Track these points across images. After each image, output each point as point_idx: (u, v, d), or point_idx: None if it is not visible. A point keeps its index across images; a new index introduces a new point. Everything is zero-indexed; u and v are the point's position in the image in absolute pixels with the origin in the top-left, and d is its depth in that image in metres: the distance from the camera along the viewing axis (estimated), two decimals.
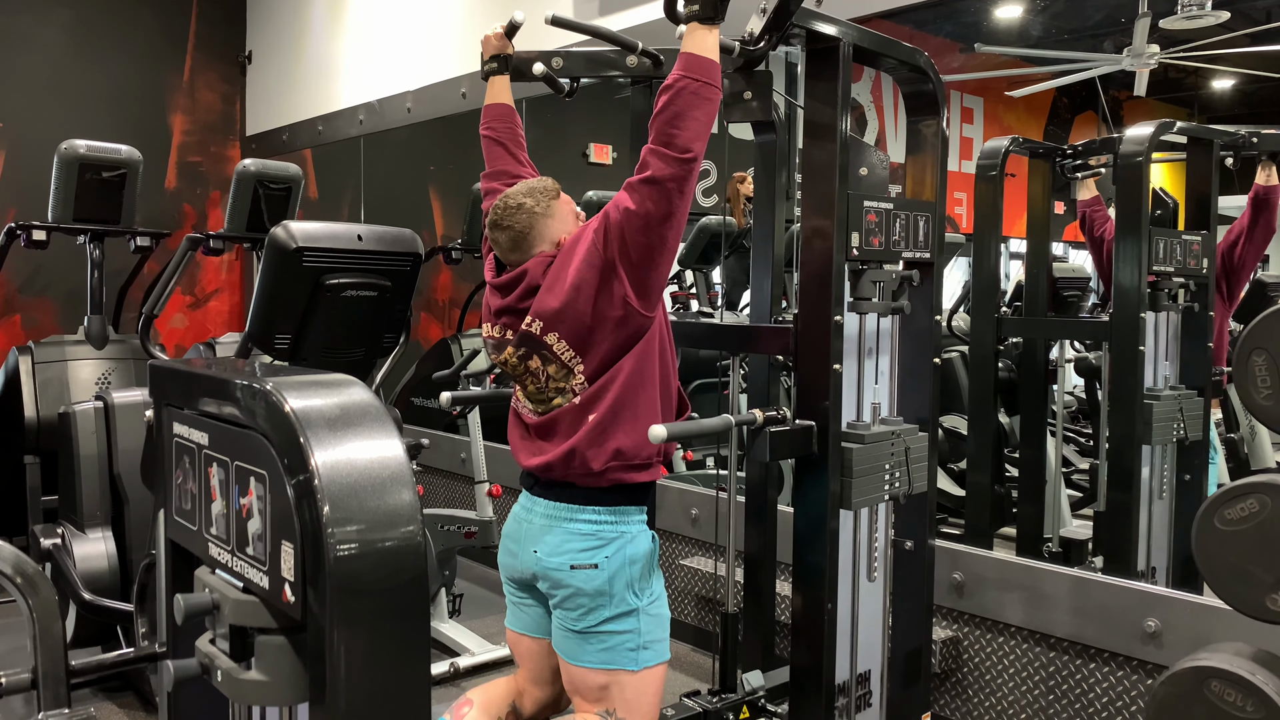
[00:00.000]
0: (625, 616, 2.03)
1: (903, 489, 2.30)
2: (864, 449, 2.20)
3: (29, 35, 5.61)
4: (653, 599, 2.08)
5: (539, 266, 2.04)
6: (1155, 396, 3.22)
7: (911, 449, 2.31)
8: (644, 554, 2.07)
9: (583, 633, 2.03)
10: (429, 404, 5.11)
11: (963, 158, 7.13)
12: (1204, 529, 1.67)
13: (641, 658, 2.05)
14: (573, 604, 2.03)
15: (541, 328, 2.01)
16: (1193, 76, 6.51)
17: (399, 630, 1.25)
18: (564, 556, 2.03)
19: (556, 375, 2.04)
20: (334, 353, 2.90)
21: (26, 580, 2.02)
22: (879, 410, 2.33)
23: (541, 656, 2.20)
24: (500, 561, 2.20)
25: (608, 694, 2.05)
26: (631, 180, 1.96)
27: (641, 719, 2.07)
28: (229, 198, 4.25)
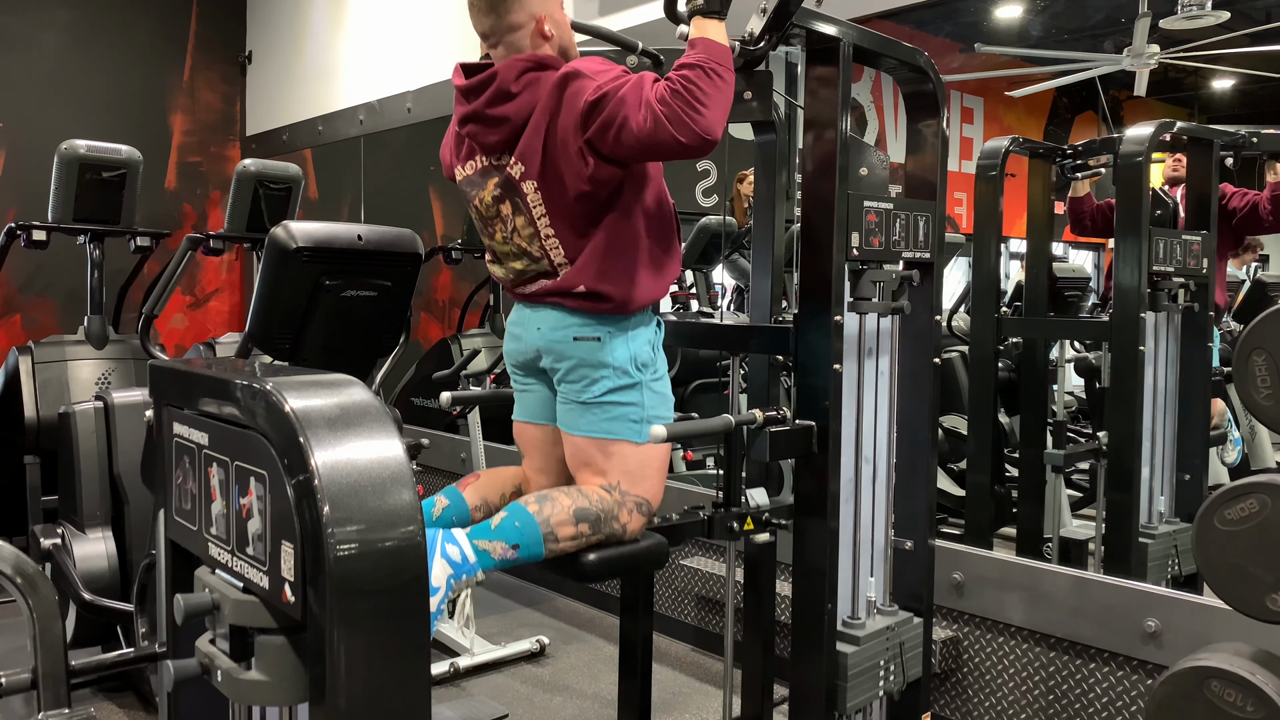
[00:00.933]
0: (629, 389, 2.04)
1: (897, 685, 2.31)
2: (859, 651, 2.21)
3: (29, 35, 5.61)
4: (656, 376, 2.09)
5: (510, 70, 1.98)
6: (1150, 535, 3.19)
7: (906, 642, 2.33)
8: (648, 333, 2.08)
9: (586, 404, 2.03)
10: (429, 404, 5.11)
11: (963, 158, 7.13)
12: (1204, 529, 1.67)
13: (645, 431, 2.04)
14: (576, 375, 2.03)
15: (522, 173, 1.98)
16: (1193, 76, 6.51)
17: (399, 630, 1.25)
18: (567, 329, 2.03)
19: (522, 230, 2.02)
20: (334, 353, 2.89)
21: (26, 580, 2.02)
22: (875, 604, 2.34)
23: (546, 444, 2.20)
24: (505, 350, 2.20)
25: (610, 464, 2.05)
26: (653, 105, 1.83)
27: (644, 492, 2.07)
28: (229, 198, 4.25)
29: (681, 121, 1.82)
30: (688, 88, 1.84)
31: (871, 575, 2.36)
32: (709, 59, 1.88)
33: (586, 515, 1.98)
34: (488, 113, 2.00)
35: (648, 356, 2.08)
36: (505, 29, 2.02)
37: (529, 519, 1.94)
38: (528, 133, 1.97)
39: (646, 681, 2.55)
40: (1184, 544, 3.25)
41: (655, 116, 1.83)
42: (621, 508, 2.03)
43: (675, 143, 1.84)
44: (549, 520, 1.94)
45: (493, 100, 1.99)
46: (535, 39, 2.04)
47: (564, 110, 1.94)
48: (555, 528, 1.94)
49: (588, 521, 1.98)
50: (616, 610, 2.73)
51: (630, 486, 2.05)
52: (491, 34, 2.04)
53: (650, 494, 2.08)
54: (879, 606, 2.35)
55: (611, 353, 2.02)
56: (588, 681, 3.36)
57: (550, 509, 1.96)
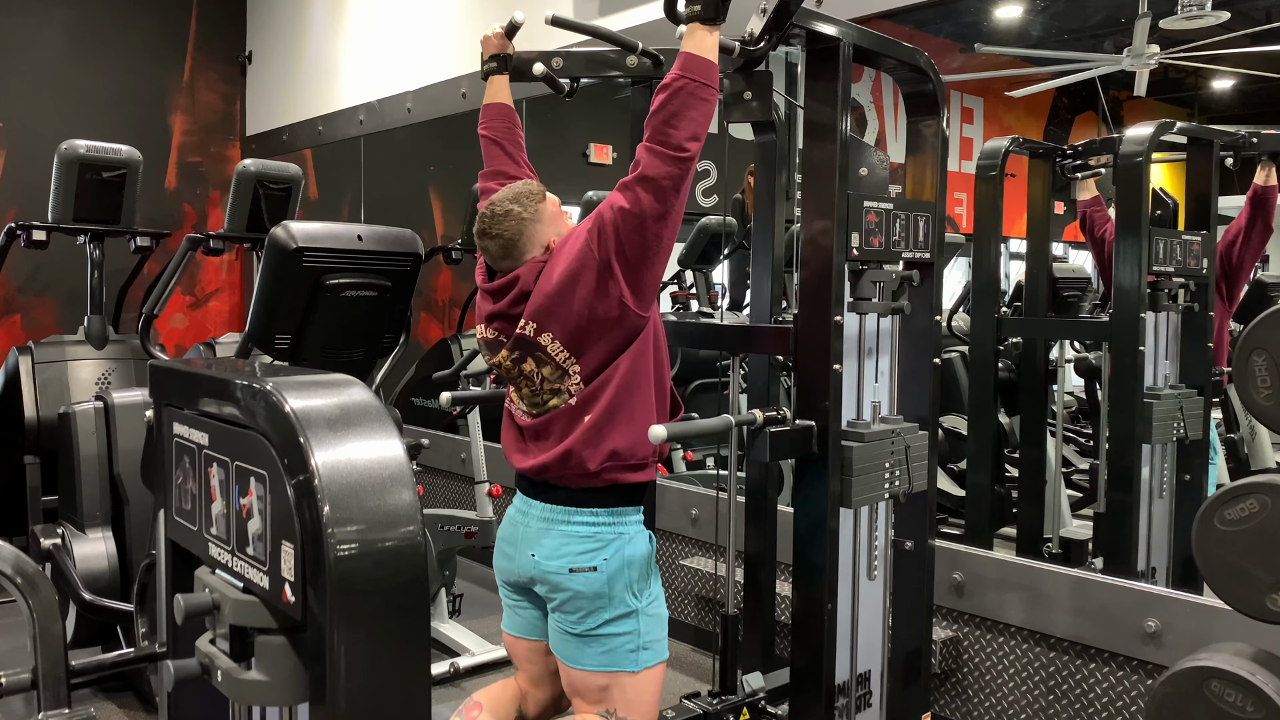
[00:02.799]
0: (624, 618, 2.03)
1: (903, 487, 2.30)
2: (864, 447, 2.20)
3: (29, 35, 5.62)
4: (651, 599, 2.08)
5: (530, 273, 2.04)
6: (1155, 395, 3.22)
7: (912, 447, 2.31)
8: (642, 555, 2.07)
9: (582, 635, 2.03)
10: (429, 404, 5.11)
11: (963, 158, 7.13)
12: (1204, 529, 1.67)
13: (641, 658, 2.05)
14: (571, 607, 2.02)
15: (535, 329, 2.01)
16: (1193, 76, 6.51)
17: (399, 630, 1.25)
18: (562, 560, 2.02)
19: (551, 377, 2.04)
20: (334, 353, 2.89)
21: (26, 580, 2.02)
22: (879, 409, 2.33)
23: (539, 658, 2.20)
24: (496, 565, 2.19)
25: (608, 695, 2.05)
26: (626, 179, 1.96)
27: (640, 717, 2.07)
28: (229, 198, 4.25)
29: (656, 162, 1.91)
30: (653, 116, 1.93)
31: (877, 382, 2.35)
32: (679, 75, 1.93)
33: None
34: (511, 313, 2.07)
35: (644, 583, 2.07)
36: (520, 261, 2.07)
37: None
38: (532, 299, 2.02)
39: None
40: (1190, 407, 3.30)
41: (633, 181, 1.93)
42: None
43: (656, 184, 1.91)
44: None
45: (515, 302, 2.06)
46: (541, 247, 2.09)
47: (570, 258, 1.98)
48: None
49: None
50: None
51: (627, 713, 2.06)
52: (507, 261, 2.09)
53: (647, 717, 2.10)
54: (884, 415, 2.34)
55: (608, 583, 2.01)
56: None
57: None
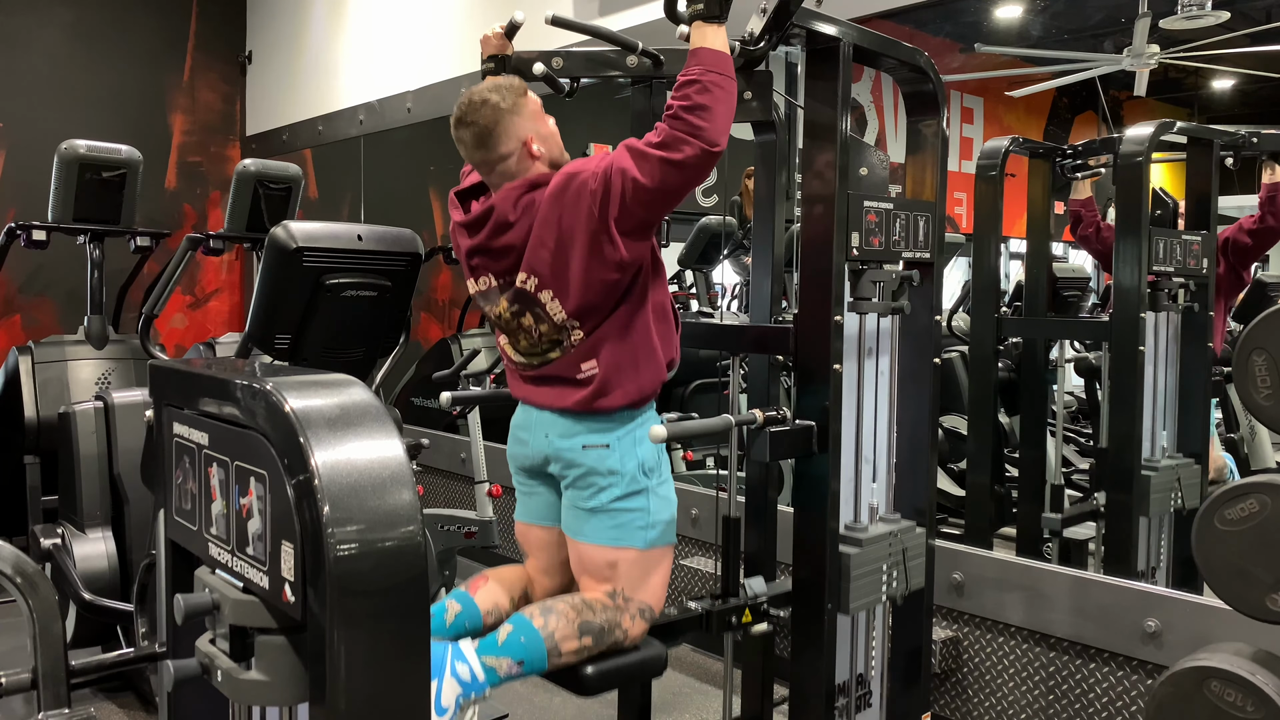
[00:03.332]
0: (635, 495, 2.05)
1: (900, 590, 2.31)
2: (861, 553, 2.21)
3: (29, 35, 5.61)
4: (661, 480, 2.10)
5: (506, 201, 2.01)
6: (1154, 468, 3.20)
7: (909, 548, 2.32)
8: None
9: (593, 510, 2.05)
10: (429, 404, 5.11)
11: (963, 158, 7.13)
12: (1204, 529, 1.67)
13: (649, 536, 2.07)
14: (585, 483, 2.04)
15: (536, 285, 2.00)
16: (1193, 76, 6.51)
17: (399, 630, 1.25)
18: (576, 438, 2.05)
19: (549, 333, 2.04)
20: (334, 353, 2.89)
21: (26, 580, 2.02)
22: (877, 510, 2.34)
23: (550, 546, 2.21)
24: (510, 453, 2.21)
25: (615, 572, 2.06)
26: (646, 152, 1.91)
27: (647, 598, 2.08)
28: (229, 198, 4.25)
29: (683, 143, 1.88)
30: (682, 109, 1.89)
31: (874, 482, 2.36)
32: (704, 70, 1.91)
33: (590, 628, 2.00)
34: (491, 245, 2.05)
35: (654, 461, 2.10)
36: (496, 160, 2.05)
37: (534, 634, 1.96)
38: (531, 247, 2.01)
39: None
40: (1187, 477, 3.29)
41: (656, 160, 1.89)
42: (624, 614, 2.05)
43: (683, 170, 1.89)
44: (553, 635, 1.96)
45: (494, 233, 2.04)
46: (524, 161, 2.06)
47: (567, 212, 1.97)
48: (560, 642, 1.96)
49: (591, 634, 2.00)
50: None
51: (634, 593, 2.07)
52: (483, 165, 2.07)
53: (653, 600, 2.11)
54: (881, 515, 2.35)
55: (620, 460, 2.04)
56: None
57: (555, 623, 1.97)
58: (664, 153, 1.89)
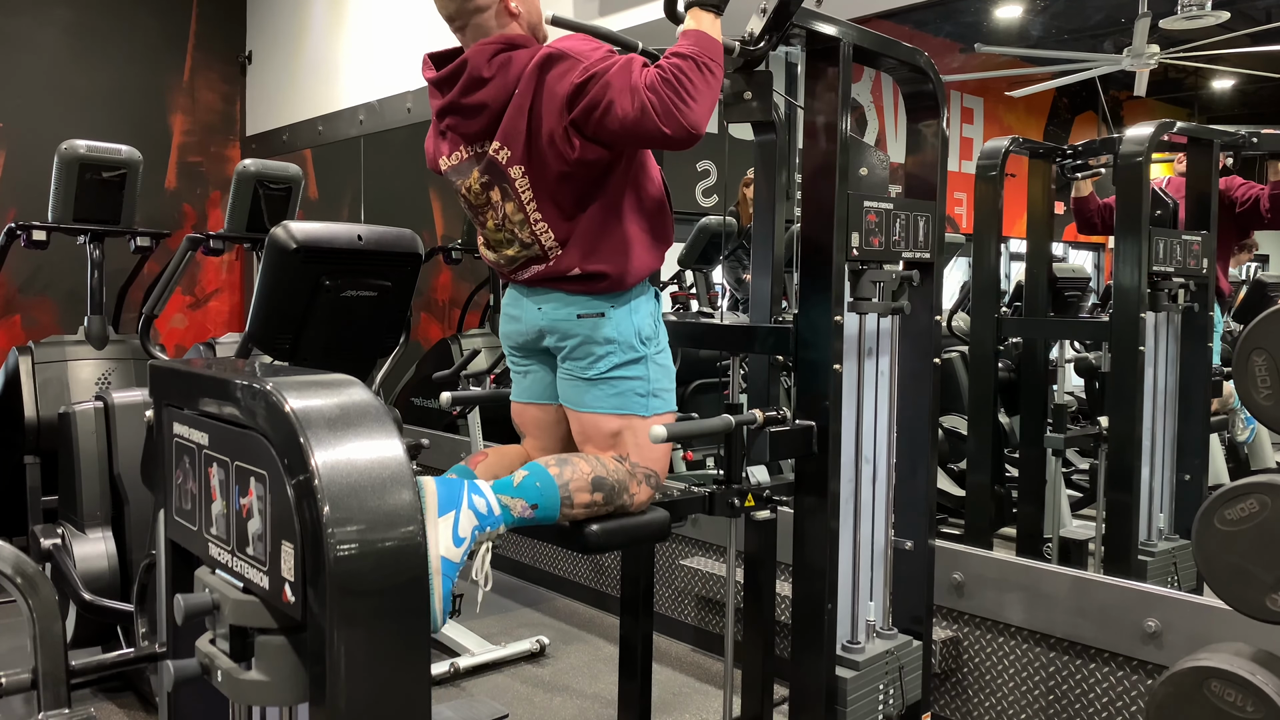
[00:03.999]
0: (634, 363, 2.04)
1: (896, 708, 2.32)
2: (859, 676, 2.22)
3: (29, 35, 5.62)
4: (659, 349, 2.09)
5: (480, 55, 1.95)
6: (1150, 553, 3.19)
7: (905, 666, 2.33)
8: (648, 307, 2.09)
9: (592, 380, 2.03)
10: (429, 404, 5.10)
11: (963, 158, 7.13)
12: (1204, 529, 1.67)
13: (651, 404, 2.05)
14: (581, 352, 2.03)
15: (508, 158, 1.96)
16: (1193, 76, 6.50)
17: (399, 630, 1.25)
18: (570, 308, 2.03)
19: (513, 216, 2.00)
20: (334, 353, 2.89)
21: (26, 580, 2.02)
22: (874, 626, 2.34)
23: (548, 425, 2.20)
24: (502, 331, 2.19)
25: (620, 440, 2.05)
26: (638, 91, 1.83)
27: (652, 464, 2.07)
28: (229, 198, 4.25)
29: (669, 112, 1.82)
30: (678, 78, 1.83)
31: (871, 598, 2.36)
32: (701, 51, 1.87)
33: (602, 484, 1.97)
34: (463, 102, 1.98)
35: (650, 330, 2.08)
36: (471, 11, 1.98)
37: (549, 480, 1.93)
38: (509, 115, 1.94)
39: (646, 681, 2.55)
40: (1184, 559, 3.24)
41: (642, 104, 1.82)
42: (632, 478, 2.03)
43: (660, 133, 1.83)
44: (568, 484, 1.94)
45: (466, 89, 1.97)
46: (502, 17, 2.00)
47: (546, 93, 1.91)
48: (573, 493, 1.94)
49: (603, 490, 1.97)
50: (616, 610, 2.73)
51: (639, 458, 2.05)
52: (457, 17, 2.00)
53: (658, 465, 2.09)
54: (879, 630, 2.36)
55: (616, 327, 2.02)
56: (588, 681, 3.36)
57: (570, 473, 1.95)
58: (652, 108, 1.83)
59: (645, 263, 2.06)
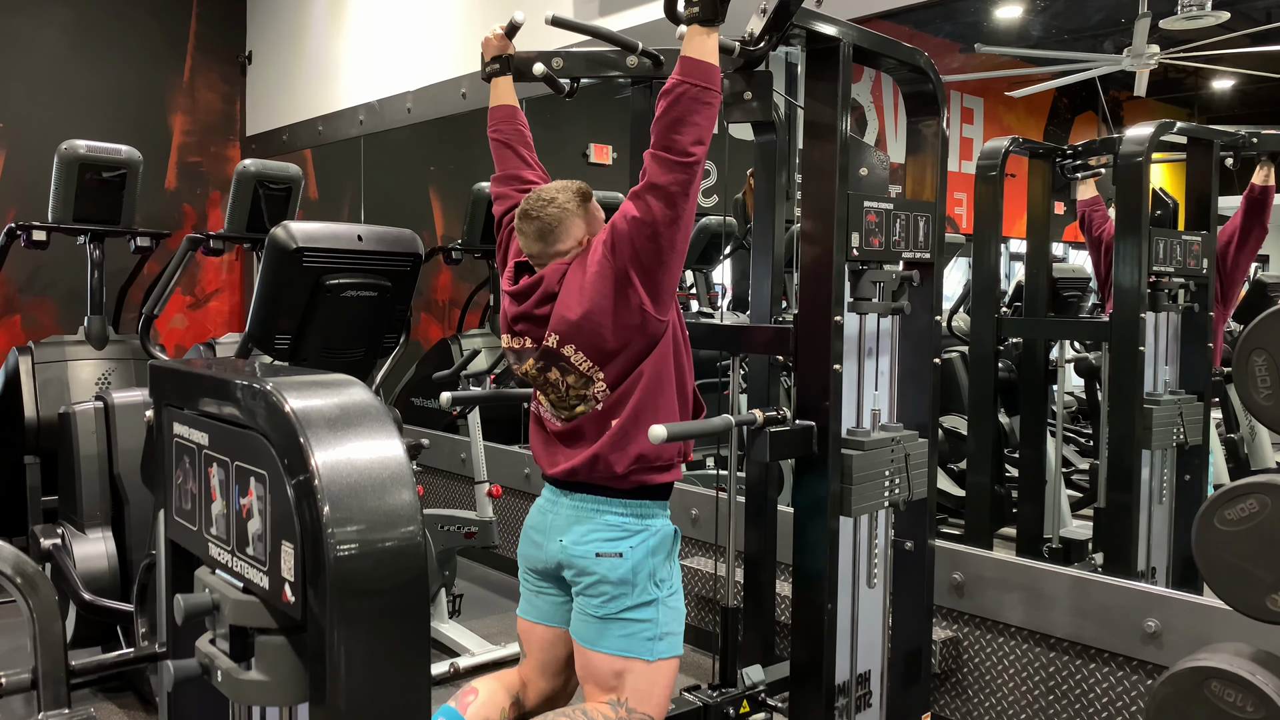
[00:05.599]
0: (645, 606, 2.07)
1: (903, 495, 2.31)
2: (864, 455, 2.20)
3: (29, 36, 5.62)
4: (672, 591, 2.12)
5: (555, 274, 2.07)
6: (1155, 401, 3.21)
7: (911, 455, 2.32)
8: (667, 546, 2.12)
9: (603, 619, 2.06)
10: (429, 404, 5.11)
11: (963, 158, 7.13)
12: (1204, 529, 1.67)
13: (657, 648, 2.08)
14: (596, 591, 2.06)
15: (558, 340, 2.05)
16: (1193, 76, 6.50)
17: (399, 630, 1.25)
18: (590, 545, 2.07)
19: (576, 385, 2.08)
20: (334, 353, 2.89)
21: (26, 580, 2.02)
22: (879, 416, 2.33)
23: (553, 646, 2.22)
24: (521, 553, 2.23)
25: (621, 682, 2.07)
26: (637, 189, 1.99)
27: (651, 710, 2.09)
28: (229, 198, 4.25)
29: (662, 170, 1.94)
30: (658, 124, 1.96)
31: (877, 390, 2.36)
32: (680, 80, 1.95)
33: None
34: (535, 314, 2.10)
35: (665, 572, 2.11)
36: (554, 255, 2.10)
37: None
38: (557, 310, 2.06)
39: None
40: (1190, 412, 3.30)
41: (641, 192, 1.96)
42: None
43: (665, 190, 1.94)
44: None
45: (539, 302, 2.09)
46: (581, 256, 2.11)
47: (587, 270, 2.03)
48: None
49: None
50: None
51: (637, 704, 2.08)
52: (539, 258, 2.12)
53: (656, 711, 2.11)
54: (884, 423, 2.35)
55: (632, 569, 2.06)
56: None
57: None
58: (649, 180, 1.96)
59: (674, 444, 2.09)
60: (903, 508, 2.35)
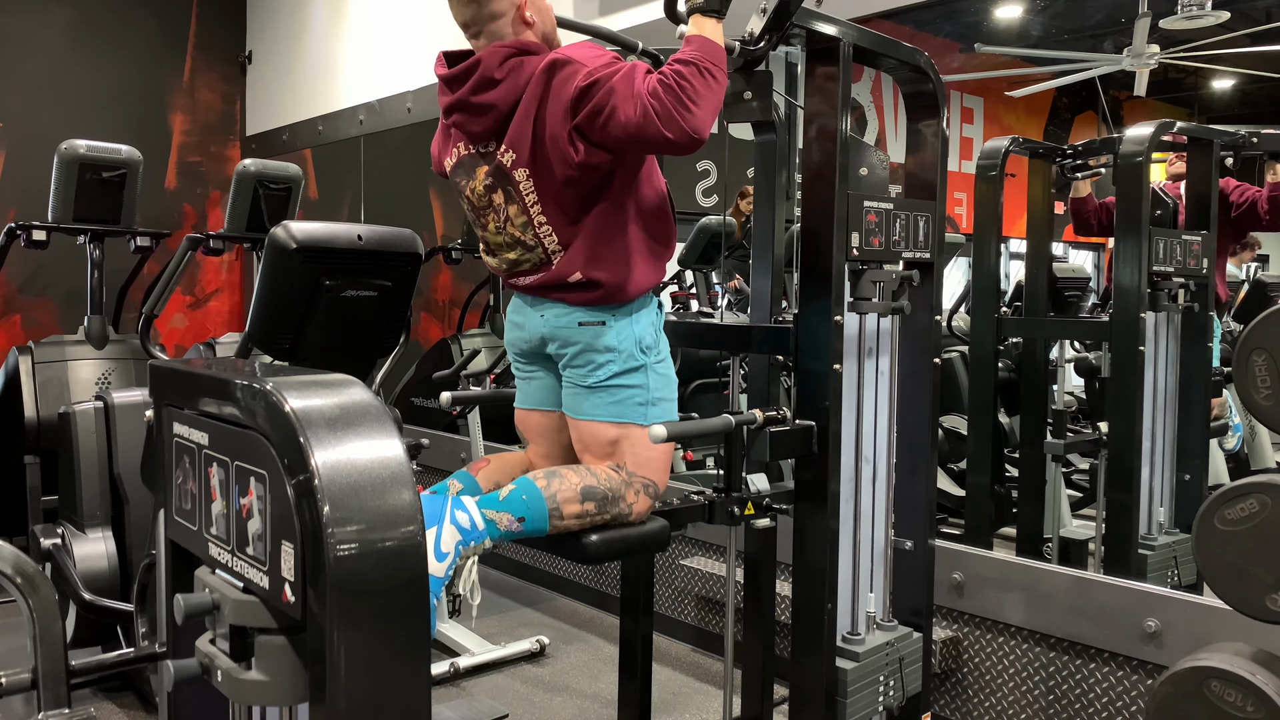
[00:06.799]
0: (634, 372, 2.05)
1: (897, 700, 2.32)
2: (859, 667, 2.21)
3: (29, 35, 5.62)
4: (660, 358, 2.11)
5: (493, 57, 1.97)
6: (1150, 546, 3.19)
7: (905, 658, 2.33)
8: (651, 314, 2.10)
9: (592, 387, 2.05)
10: (429, 404, 5.11)
11: (963, 158, 7.13)
12: (1204, 529, 1.67)
13: (650, 413, 2.07)
14: (582, 360, 2.05)
15: (513, 160, 1.97)
16: (1193, 76, 6.50)
17: (399, 630, 1.25)
18: (572, 316, 2.05)
19: (515, 219, 2.02)
20: (334, 353, 2.89)
21: (26, 580, 2.02)
22: (874, 618, 2.34)
23: (551, 430, 2.22)
24: (507, 339, 2.22)
25: (618, 448, 2.06)
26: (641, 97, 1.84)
27: (651, 474, 2.08)
28: (229, 198, 4.25)
29: (671, 118, 1.83)
30: (680, 84, 1.84)
31: (871, 590, 2.36)
32: (704, 57, 1.88)
33: (593, 494, 1.98)
34: (472, 100, 1.99)
35: (651, 339, 2.09)
36: (486, 18, 2.01)
37: (536, 493, 1.95)
38: (516, 119, 1.96)
39: (646, 681, 2.55)
40: (1184, 554, 3.24)
41: (645, 109, 1.83)
42: (628, 488, 2.04)
43: (663, 138, 1.84)
44: (555, 496, 1.95)
45: (476, 88, 1.98)
46: (517, 25, 2.03)
47: (551, 97, 1.93)
48: (561, 504, 1.95)
49: (594, 500, 1.98)
50: (616, 610, 2.73)
51: (637, 468, 2.06)
52: (473, 23, 2.04)
53: (657, 475, 2.09)
54: (879, 621, 2.36)
55: (616, 336, 2.04)
56: (588, 681, 3.36)
57: (558, 485, 1.97)
58: (655, 113, 1.84)
59: (646, 276, 2.07)
60: (896, 713, 2.37)
